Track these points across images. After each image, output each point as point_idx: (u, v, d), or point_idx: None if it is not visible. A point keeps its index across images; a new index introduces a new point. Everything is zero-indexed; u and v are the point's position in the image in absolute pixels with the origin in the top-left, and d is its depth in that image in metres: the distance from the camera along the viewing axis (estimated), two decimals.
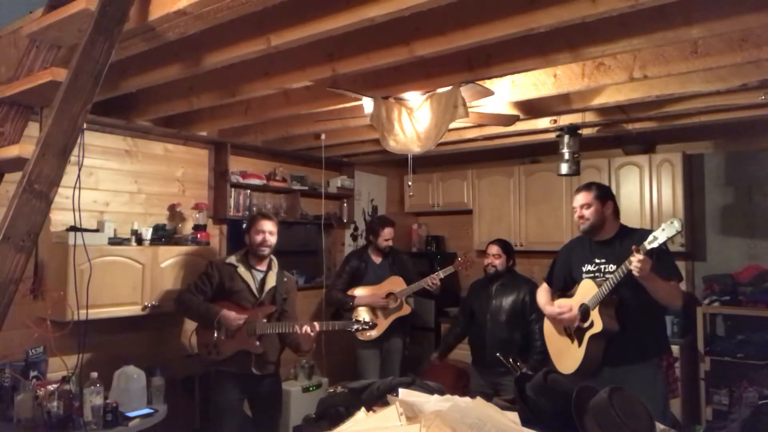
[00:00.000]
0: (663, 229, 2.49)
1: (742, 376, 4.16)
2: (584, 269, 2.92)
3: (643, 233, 2.80)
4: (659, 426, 1.71)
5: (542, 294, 3.19)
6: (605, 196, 2.91)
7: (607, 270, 2.82)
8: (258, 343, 3.30)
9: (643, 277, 2.53)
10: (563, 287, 3.14)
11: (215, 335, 3.28)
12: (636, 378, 2.64)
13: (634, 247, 2.53)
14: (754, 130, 4.18)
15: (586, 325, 2.79)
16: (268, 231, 3.40)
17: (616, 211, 2.94)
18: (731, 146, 4.58)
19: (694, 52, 2.43)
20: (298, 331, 3.30)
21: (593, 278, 2.84)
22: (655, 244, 2.50)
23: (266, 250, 3.41)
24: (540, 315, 3.34)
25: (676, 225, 2.44)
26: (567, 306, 2.90)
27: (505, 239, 4.11)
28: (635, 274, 2.52)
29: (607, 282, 2.68)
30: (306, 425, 3.82)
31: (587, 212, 2.87)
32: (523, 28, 2.01)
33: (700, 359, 4.25)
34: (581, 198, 2.91)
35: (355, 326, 3.60)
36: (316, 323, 3.36)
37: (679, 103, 3.25)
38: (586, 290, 2.83)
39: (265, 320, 3.35)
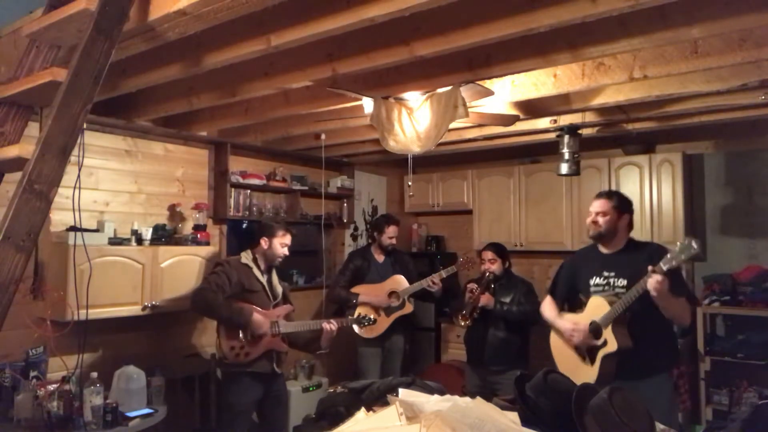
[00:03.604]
0: (680, 250, 2.41)
1: (742, 376, 4.16)
2: (592, 282, 2.84)
3: (652, 248, 2.79)
4: (659, 426, 1.72)
5: (548, 308, 3.08)
6: (624, 208, 2.84)
7: (616, 284, 2.75)
8: (283, 342, 3.37)
9: (660, 296, 2.48)
10: (567, 299, 3.07)
11: (242, 335, 3.26)
12: (645, 390, 2.57)
13: (650, 267, 2.47)
14: (754, 130, 4.17)
15: (599, 343, 2.71)
16: (289, 245, 3.49)
17: (631, 225, 2.88)
18: (731, 146, 4.58)
19: (694, 52, 2.43)
20: (326, 328, 3.38)
21: (602, 292, 2.77)
22: (673, 264, 2.43)
23: (281, 261, 3.50)
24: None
25: (694, 245, 2.38)
26: (582, 325, 2.78)
27: (497, 242, 4.12)
28: (652, 294, 2.46)
29: (621, 301, 2.61)
30: (306, 425, 3.83)
31: (601, 219, 2.79)
32: (523, 28, 2.01)
33: (700, 359, 4.25)
34: (599, 205, 2.83)
35: (364, 322, 3.69)
36: (333, 320, 3.44)
37: (679, 103, 3.24)
38: (597, 307, 2.73)
39: (283, 320, 3.40)
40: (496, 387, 3.66)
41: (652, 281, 2.43)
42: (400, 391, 1.69)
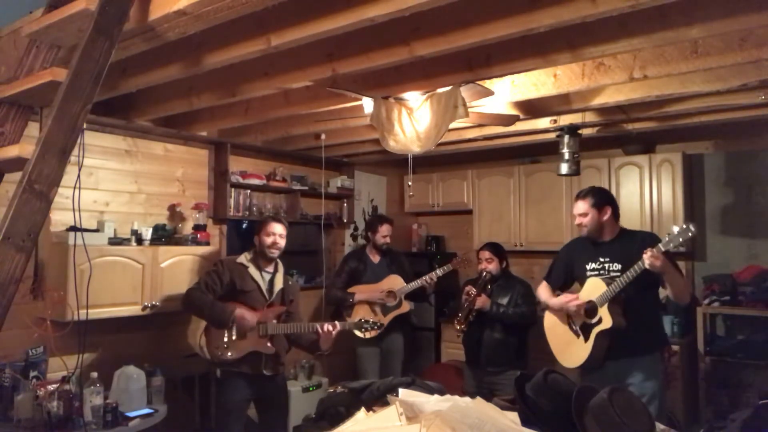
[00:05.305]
0: (678, 233, 2.55)
1: (742, 376, 4.16)
2: (588, 267, 2.99)
3: (644, 235, 3.01)
4: (659, 426, 1.72)
5: (543, 290, 3.26)
6: (602, 202, 2.97)
7: (611, 268, 2.90)
8: (270, 344, 3.31)
9: (662, 270, 2.60)
10: (563, 286, 3.21)
11: (226, 336, 3.26)
12: (638, 368, 2.78)
13: (647, 250, 2.61)
14: (754, 130, 4.18)
15: (593, 321, 2.86)
16: (278, 234, 3.41)
17: (616, 215, 3.00)
18: (731, 146, 4.58)
19: (694, 52, 2.43)
20: (320, 330, 3.31)
21: (597, 276, 2.91)
22: (671, 246, 2.56)
23: (275, 253, 3.42)
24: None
25: (692, 228, 2.52)
26: (573, 295, 2.99)
27: (495, 242, 4.12)
28: (651, 268, 2.58)
29: (618, 280, 2.76)
30: (306, 425, 3.83)
31: (585, 220, 2.98)
32: (523, 28, 2.01)
33: (700, 359, 4.25)
34: (579, 206, 3.01)
35: (366, 326, 3.61)
36: (336, 322, 3.39)
37: (679, 103, 3.25)
38: (594, 288, 2.89)
39: (275, 321, 3.36)
40: (494, 388, 3.64)
41: (648, 256, 2.58)
42: (400, 391, 1.69)
